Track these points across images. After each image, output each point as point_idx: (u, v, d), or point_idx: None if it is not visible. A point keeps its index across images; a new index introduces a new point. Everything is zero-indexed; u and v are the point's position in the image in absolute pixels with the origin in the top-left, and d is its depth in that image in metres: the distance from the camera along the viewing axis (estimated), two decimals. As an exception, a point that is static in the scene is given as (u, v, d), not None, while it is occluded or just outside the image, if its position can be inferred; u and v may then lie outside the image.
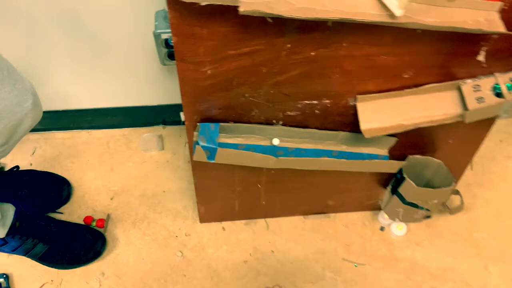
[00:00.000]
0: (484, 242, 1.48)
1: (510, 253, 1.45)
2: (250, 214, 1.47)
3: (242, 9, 0.77)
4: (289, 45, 0.93)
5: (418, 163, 1.29)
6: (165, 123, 1.66)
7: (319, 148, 1.18)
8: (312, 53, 0.95)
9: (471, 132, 1.22)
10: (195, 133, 1.08)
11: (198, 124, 1.06)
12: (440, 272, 1.42)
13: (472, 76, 1.06)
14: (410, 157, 1.27)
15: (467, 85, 1.05)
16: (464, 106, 1.05)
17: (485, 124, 1.19)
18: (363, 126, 1.07)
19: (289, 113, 1.09)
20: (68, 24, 1.31)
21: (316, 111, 1.10)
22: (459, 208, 1.43)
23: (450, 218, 1.50)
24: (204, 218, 1.45)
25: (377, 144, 1.20)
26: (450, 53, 1.00)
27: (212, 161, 1.06)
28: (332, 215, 1.51)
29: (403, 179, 1.24)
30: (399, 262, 1.43)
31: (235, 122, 1.09)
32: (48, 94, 1.51)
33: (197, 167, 1.23)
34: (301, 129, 1.13)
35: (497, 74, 1.04)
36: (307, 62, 0.96)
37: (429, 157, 1.28)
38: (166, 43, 1.16)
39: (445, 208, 1.43)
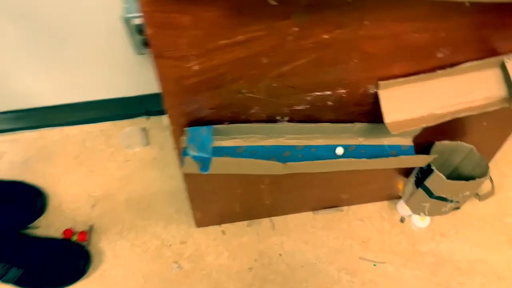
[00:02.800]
0: (515, 228, 1.32)
1: (545, 239, 1.30)
2: (252, 214, 1.29)
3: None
4: (296, 29, 0.72)
5: (445, 149, 1.11)
6: (148, 113, 1.45)
7: (332, 143, 0.99)
8: (325, 36, 0.75)
9: (509, 110, 1.04)
10: (183, 139, 0.88)
11: (186, 129, 0.86)
12: (468, 265, 1.27)
13: (521, 49, 0.86)
14: (438, 143, 1.09)
15: (514, 61, 0.85)
16: (510, 88, 0.86)
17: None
18: (388, 118, 0.88)
19: (296, 107, 0.90)
20: (20, 14, 1.09)
21: (329, 103, 0.90)
22: (490, 194, 1.26)
23: (478, 203, 1.33)
24: (201, 222, 1.27)
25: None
26: (495, 25, 0.80)
27: (206, 173, 0.87)
28: (345, 208, 1.34)
29: (430, 171, 1.06)
30: (423, 257, 1.27)
31: (231, 122, 0.89)
32: (7, 94, 1.30)
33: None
34: (311, 124, 0.93)
35: (550, 46, 0.85)
36: (318, 47, 0.76)
37: (459, 142, 1.10)
38: (141, 29, 0.94)
39: (475, 195, 1.27)
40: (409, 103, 0.88)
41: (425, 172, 1.08)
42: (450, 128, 1.05)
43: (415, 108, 0.88)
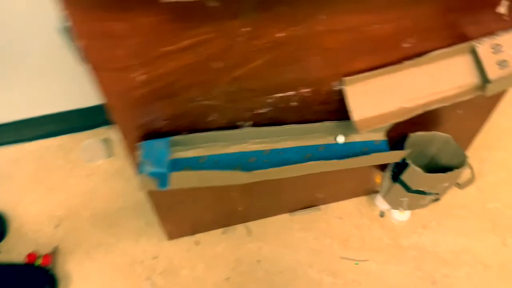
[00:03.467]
0: (498, 213, 1.28)
1: (529, 222, 1.27)
2: (227, 221, 1.23)
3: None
4: (246, 29, 0.66)
5: (421, 140, 1.06)
6: (110, 122, 1.37)
7: (301, 144, 0.93)
8: (280, 35, 0.69)
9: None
10: (138, 154, 0.81)
11: (140, 143, 0.80)
12: (452, 256, 1.23)
13: (490, 33, 0.81)
14: (412, 135, 1.04)
15: (484, 46, 0.80)
16: (483, 75, 0.81)
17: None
18: (356, 116, 0.82)
19: (257, 111, 0.83)
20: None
21: (293, 104, 0.84)
22: (470, 181, 1.22)
23: (458, 191, 1.29)
24: (173, 234, 1.21)
25: (371, 128, 0.95)
26: (463, 9, 0.75)
27: (164, 189, 0.80)
28: (323, 207, 1.29)
29: (406, 165, 1.00)
30: (405, 251, 1.23)
31: (190, 131, 0.83)
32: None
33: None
34: (277, 127, 0.87)
35: (521, 28, 0.80)
36: (274, 47, 0.70)
37: (435, 132, 1.05)
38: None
39: (454, 184, 1.22)
40: (377, 98, 0.82)
41: (401, 166, 1.03)
42: (424, 119, 1.00)
43: (384, 103, 0.83)
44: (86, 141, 1.33)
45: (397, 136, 1.03)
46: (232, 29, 0.65)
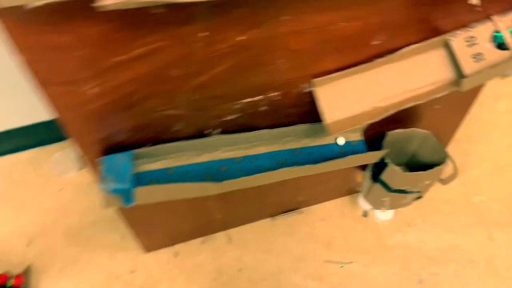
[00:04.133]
0: (484, 207, 1.26)
1: (515, 214, 1.25)
2: (206, 230, 1.19)
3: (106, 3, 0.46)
4: (204, 34, 0.62)
5: (400, 137, 1.03)
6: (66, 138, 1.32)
7: (275, 149, 0.90)
8: (241, 38, 0.65)
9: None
10: (99, 169, 0.77)
11: (100, 158, 0.75)
12: (439, 253, 1.20)
13: (463, 25, 0.78)
14: (390, 133, 1.01)
15: (458, 39, 0.77)
16: (458, 69, 0.77)
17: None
18: (328, 118, 0.79)
19: (225, 117, 0.79)
20: None
21: (263, 108, 0.80)
22: (453, 176, 1.19)
23: (442, 186, 1.25)
24: (150, 247, 1.17)
25: (347, 128, 0.92)
26: (434, 1, 0.71)
27: (130, 205, 0.76)
28: (305, 209, 1.25)
29: (385, 164, 0.97)
30: (391, 251, 1.20)
31: (155, 143, 0.78)
32: None
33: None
34: (248, 133, 0.83)
35: (495, 18, 0.77)
36: (236, 51, 0.66)
37: (413, 129, 1.02)
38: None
39: (437, 180, 1.20)
40: (349, 99, 0.79)
41: (380, 165, 0.99)
42: (402, 116, 0.96)
43: (357, 103, 0.79)
44: (57, 153, 1.28)
45: (375, 134, 1.00)
46: (188, 35, 0.61)
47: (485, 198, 1.27)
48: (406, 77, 0.78)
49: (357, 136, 0.94)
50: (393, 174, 0.97)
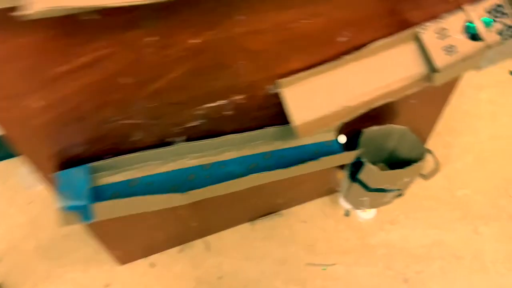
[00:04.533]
0: (468, 200, 1.23)
1: (501, 206, 1.21)
2: (182, 238, 1.15)
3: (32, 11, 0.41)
4: (153, 38, 0.57)
5: (377, 134, 0.99)
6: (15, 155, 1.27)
7: (245, 154, 0.86)
8: (195, 41, 0.60)
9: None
10: (54, 186, 0.72)
11: (54, 174, 0.71)
12: (423, 250, 1.17)
13: (433, 16, 0.74)
14: (366, 131, 0.97)
15: (428, 31, 0.73)
16: (430, 63, 0.74)
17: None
18: (296, 120, 0.75)
19: (189, 124, 0.75)
20: None
21: (228, 113, 0.76)
22: (435, 171, 1.15)
23: (425, 181, 1.22)
24: (124, 259, 1.12)
25: (320, 128, 0.88)
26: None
27: (90, 222, 0.72)
28: (284, 212, 1.22)
29: (362, 163, 0.93)
30: (374, 250, 1.17)
31: (115, 154, 0.74)
32: None
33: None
34: (213, 139, 0.79)
35: (467, 8, 0.73)
36: (191, 54, 0.62)
37: (390, 125, 0.98)
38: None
39: (419, 176, 1.16)
40: (318, 99, 0.75)
41: (357, 164, 0.96)
42: (377, 113, 0.92)
43: (326, 103, 0.75)
44: (25, 166, 1.22)
45: (351, 132, 0.96)
46: (135, 40, 0.57)
47: (469, 191, 1.24)
48: (376, 73, 0.75)
49: (332, 136, 0.91)
50: (370, 173, 0.93)
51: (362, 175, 0.96)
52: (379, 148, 1.04)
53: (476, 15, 0.72)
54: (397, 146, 1.03)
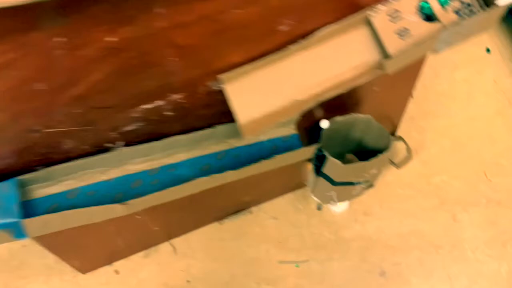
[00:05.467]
0: (445, 187, 1.18)
1: (479, 190, 1.17)
2: (146, 243, 1.10)
3: None
4: (61, 39, 0.51)
5: (341, 125, 0.93)
6: None
7: (196, 155, 0.80)
8: (112, 38, 0.54)
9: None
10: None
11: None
12: (400, 241, 1.12)
13: (384, -2, 0.68)
14: (328, 122, 0.91)
15: (380, 14, 0.67)
16: (382, 48, 0.68)
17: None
18: (241, 118, 0.69)
19: (125, 128, 0.70)
20: None
21: (168, 113, 0.71)
22: (407, 159, 1.11)
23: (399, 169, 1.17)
24: (86, 268, 1.07)
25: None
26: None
27: (24, 239, 0.66)
28: (254, 209, 1.16)
29: (324, 157, 0.88)
30: (349, 243, 1.12)
31: (48, 165, 0.68)
32: None
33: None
34: (158, 142, 0.74)
35: (419, -13, 0.67)
36: (110, 53, 0.56)
37: (353, 115, 0.92)
38: None
39: (391, 164, 1.11)
40: (264, 94, 0.69)
41: (321, 158, 0.90)
42: (340, 102, 0.86)
43: (273, 98, 0.69)
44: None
45: (312, 125, 0.91)
46: (40, 42, 0.51)
47: (446, 177, 1.19)
48: (325, 63, 0.69)
49: (290, 130, 0.85)
50: (334, 167, 0.88)
51: (326, 169, 0.90)
52: (346, 138, 0.99)
53: (431, -7, 0.66)
54: (364, 135, 0.98)
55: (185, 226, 1.10)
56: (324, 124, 0.84)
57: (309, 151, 0.82)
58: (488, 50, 1.28)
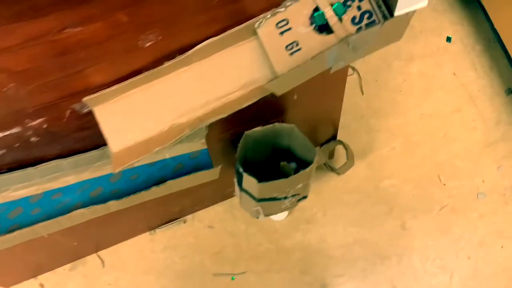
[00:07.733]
0: (395, 192, 1.10)
1: (432, 196, 1.08)
2: (71, 255, 1.04)
3: None
4: None
5: (263, 134, 0.85)
6: None
7: (85, 178, 0.72)
8: None
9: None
10: None
11: None
12: (344, 251, 1.05)
13: (276, 4, 0.58)
14: (248, 133, 0.82)
15: (267, 25, 0.57)
16: (270, 65, 0.59)
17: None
18: (114, 146, 0.61)
19: (-15, 158, 0.61)
20: None
21: (34, 139, 0.62)
22: (349, 165, 1.02)
23: (346, 173, 1.08)
24: (9, 281, 1.02)
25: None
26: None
27: None
28: (189, 217, 1.09)
29: (241, 173, 0.80)
30: (289, 254, 1.05)
31: None
32: None
33: None
34: (30, 169, 0.66)
35: (313, -8, 0.57)
36: None
37: (274, 125, 0.83)
38: None
39: (329, 169, 1.03)
40: (139, 117, 0.61)
41: (239, 174, 0.82)
42: (255, 112, 0.77)
43: (150, 122, 0.61)
44: None
45: (230, 137, 0.82)
46: None
47: (396, 181, 1.10)
48: (210, 81, 0.60)
49: (199, 146, 0.77)
50: (250, 184, 0.80)
51: (245, 185, 0.82)
52: (275, 147, 0.90)
53: (325, 0, 0.56)
54: (291, 145, 0.89)
55: (111, 238, 1.04)
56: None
57: (216, 172, 0.74)
58: (448, 39, 1.17)
